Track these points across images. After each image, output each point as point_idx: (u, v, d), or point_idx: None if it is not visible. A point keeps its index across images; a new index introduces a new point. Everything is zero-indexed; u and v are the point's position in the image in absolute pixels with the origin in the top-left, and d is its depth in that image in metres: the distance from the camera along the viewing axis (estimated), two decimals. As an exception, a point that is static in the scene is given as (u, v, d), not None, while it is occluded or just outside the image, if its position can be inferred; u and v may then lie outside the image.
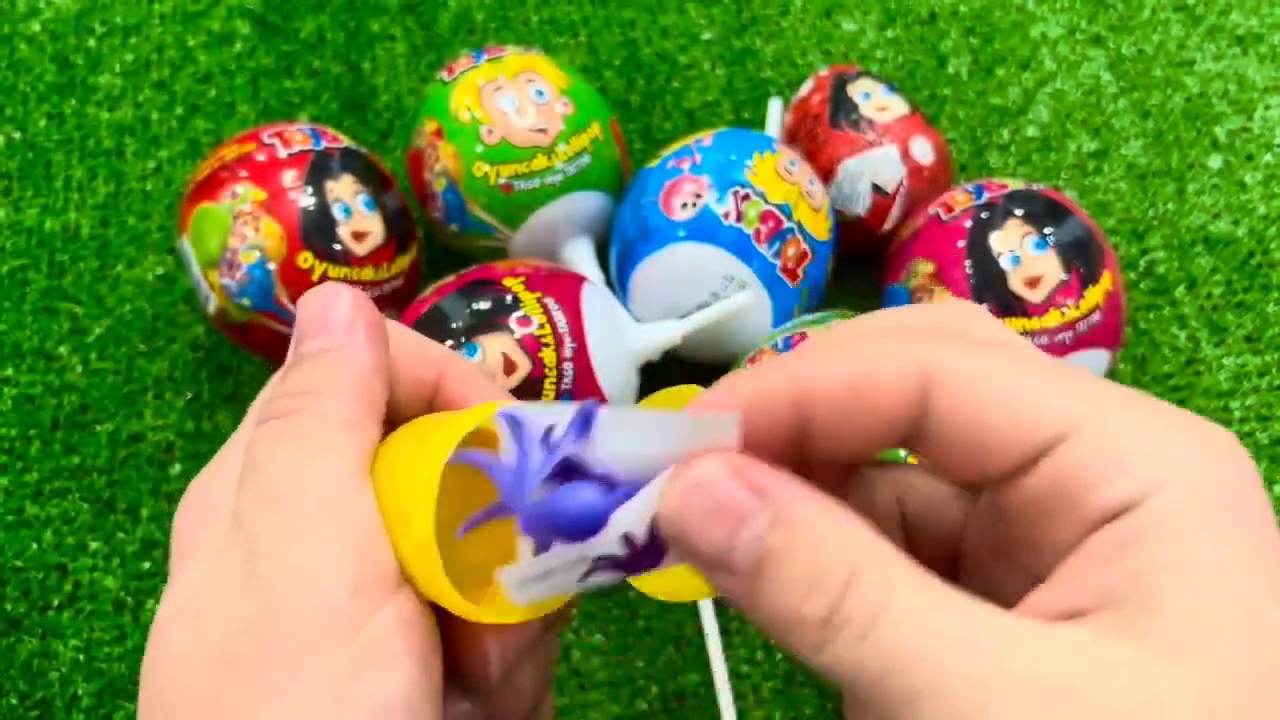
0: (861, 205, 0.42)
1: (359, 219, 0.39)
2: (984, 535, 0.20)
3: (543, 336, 0.35)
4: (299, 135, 0.40)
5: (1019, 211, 0.38)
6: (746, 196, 0.38)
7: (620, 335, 0.38)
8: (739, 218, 0.38)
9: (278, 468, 0.19)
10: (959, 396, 0.17)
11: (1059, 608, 0.16)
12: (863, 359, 0.18)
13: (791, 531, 0.16)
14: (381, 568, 0.18)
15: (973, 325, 0.19)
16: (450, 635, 0.21)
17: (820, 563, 0.16)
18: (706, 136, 0.40)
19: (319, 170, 0.39)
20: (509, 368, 0.35)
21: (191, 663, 0.18)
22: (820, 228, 0.40)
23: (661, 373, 0.40)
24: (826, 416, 0.18)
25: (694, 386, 0.21)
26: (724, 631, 0.39)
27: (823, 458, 0.19)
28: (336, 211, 0.38)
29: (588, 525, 0.17)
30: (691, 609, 0.39)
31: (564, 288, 0.37)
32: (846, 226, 0.43)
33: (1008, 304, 0.37)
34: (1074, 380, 0.17)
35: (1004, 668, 0.15)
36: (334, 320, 0.21)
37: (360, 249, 0.38)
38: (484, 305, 0.36)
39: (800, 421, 0.18)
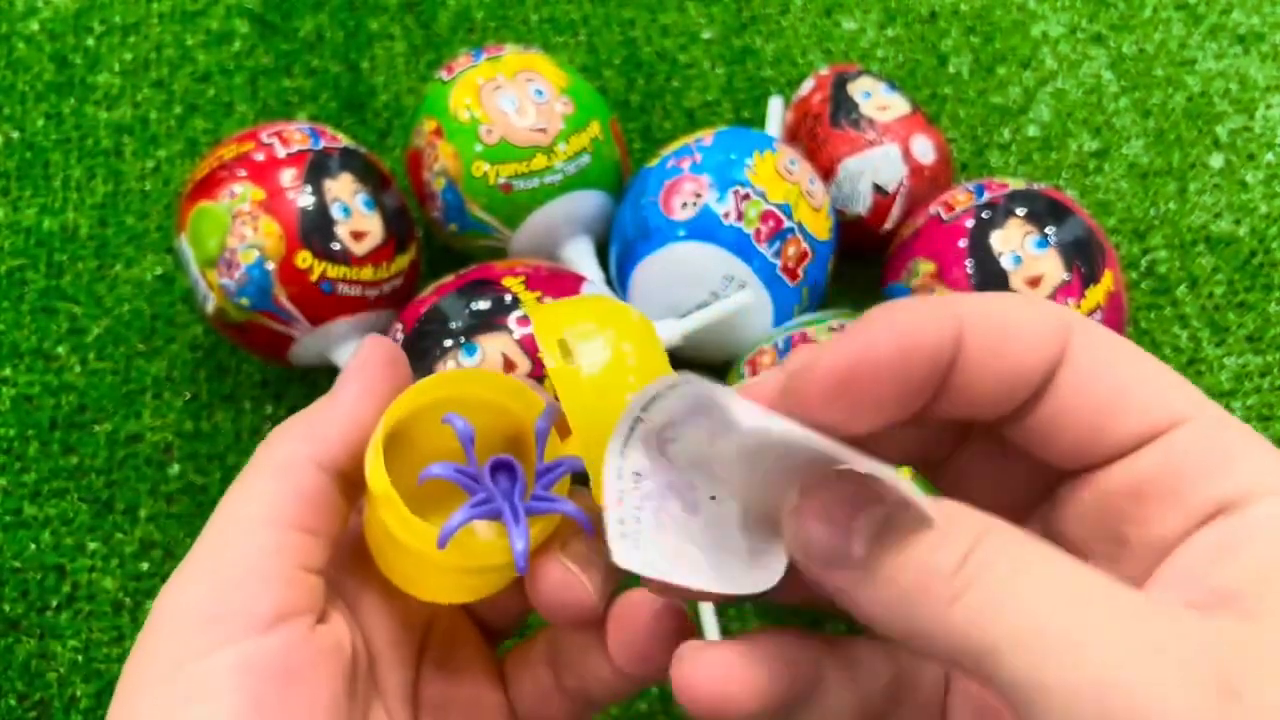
0: (862, 205, 0.42)
1: (358, 218, 0.38)
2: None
3: (542, 336, 0.35)
4: (298, 134, 0.39)
5: (1020, 211, 0.38)
6: (747, 196, 0.38)
7: (620, 335, 0.38)
8: (739, 217, 0.38)
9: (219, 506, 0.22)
10: (1094, 359, 0.18)
11: (1175, 602, 0.16)
12: (1014, 302, 0.18)
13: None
14: (234, 608, 0.20)
15: None
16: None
17: (949, 520, 0.16)
18: (706, 136, 0.40)
19: (318, 169, 0.38)
20: (508, 368, 0.35)
21: None
22: (820, 227, 0.40)
23: (661, 373, 0.40)
24: (974, 354, 0.18)
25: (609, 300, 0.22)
26: (724, 632, 0.38)
27: (946, 412, 0.18)
28: (335, 211, 0.38)
29: None
30: (691, 610, 0.39)
31: (564, 287, 0.37)
32: (847, 226, 0.42)
33: (1009, 304, 0.37)
34: (1182, 379, 0.18)
35: (1162, 630, 0.15)
36: (347, 369, 0.23)
37: (359, 248, 0.38)
38: (483, 305, 0.36)
39: (949, 359, 0.18)
